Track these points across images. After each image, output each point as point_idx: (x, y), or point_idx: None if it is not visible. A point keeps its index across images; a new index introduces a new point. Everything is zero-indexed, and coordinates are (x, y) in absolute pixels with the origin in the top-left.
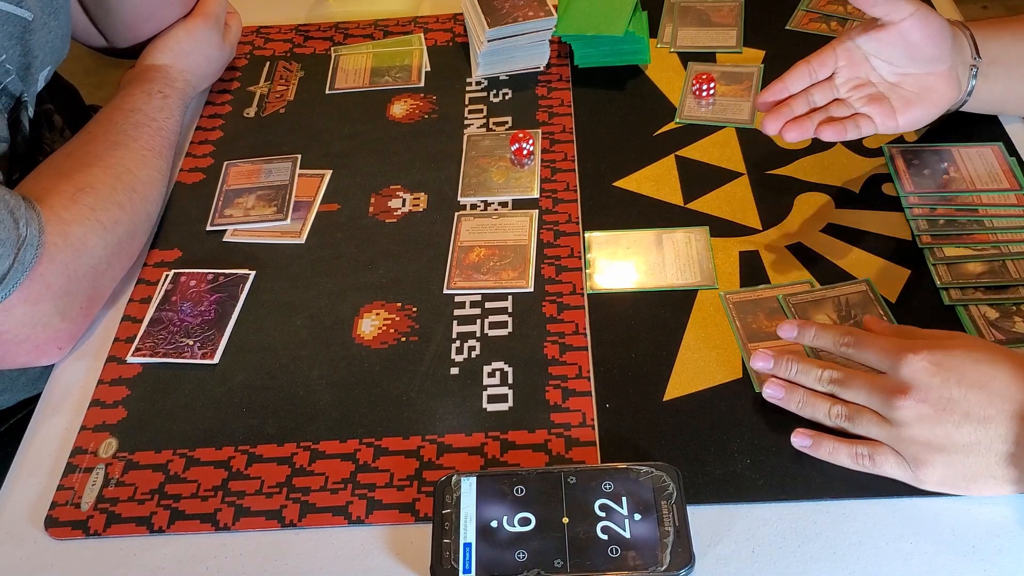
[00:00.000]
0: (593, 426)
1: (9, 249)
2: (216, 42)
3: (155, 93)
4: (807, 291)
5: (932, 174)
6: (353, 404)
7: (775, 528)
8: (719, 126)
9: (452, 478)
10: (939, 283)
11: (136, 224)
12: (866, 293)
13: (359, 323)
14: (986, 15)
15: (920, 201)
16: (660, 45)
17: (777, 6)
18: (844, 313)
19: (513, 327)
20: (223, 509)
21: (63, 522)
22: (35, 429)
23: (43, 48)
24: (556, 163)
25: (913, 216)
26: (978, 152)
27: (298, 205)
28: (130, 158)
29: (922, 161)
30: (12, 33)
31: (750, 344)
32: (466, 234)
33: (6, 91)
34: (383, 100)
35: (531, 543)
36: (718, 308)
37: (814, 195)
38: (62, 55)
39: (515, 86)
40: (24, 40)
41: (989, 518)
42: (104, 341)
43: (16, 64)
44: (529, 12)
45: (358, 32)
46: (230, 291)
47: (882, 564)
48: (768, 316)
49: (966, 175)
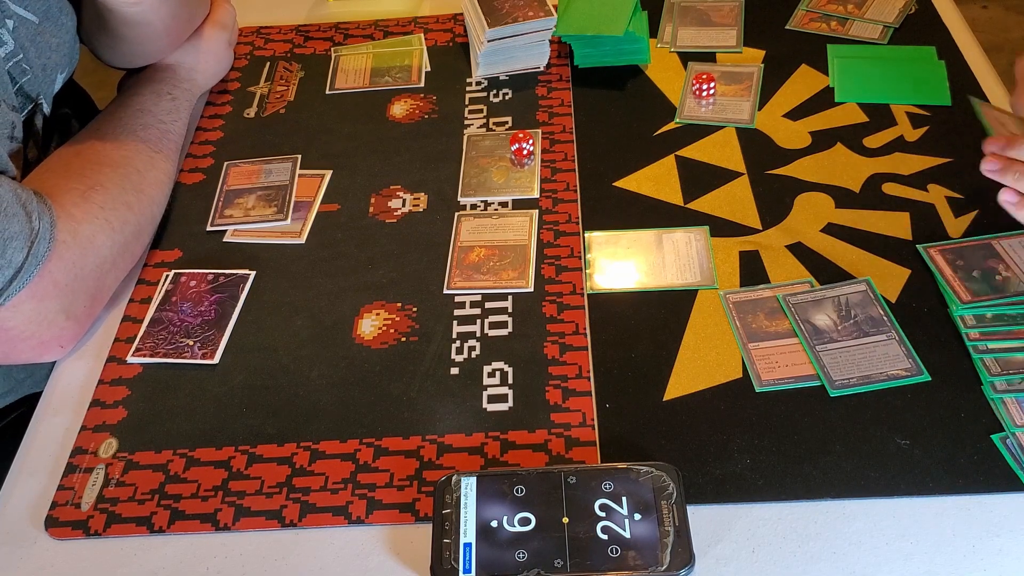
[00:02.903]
0: (593, 426)
1: (22, 242)
2: (225, 42)
3: (164, 95)
4: (807, 291)
5: (983, 276)
6: (353, 404)
7: (775, 528)
8: (719, 126)
9: (452, 478)
10: (988, 376)
11: (142, 225)
12: (866, 293)
13: (359, 323)
14: (986, 15)
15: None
16: (660, 45)
17: (777, 6)
18: (844, 313)
19: (513, 327)
20: (223, 509)
21: (63, 522)
22: (35, 429)
23: (56, 50)
24: (556, 163)
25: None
26: (1020, 241)
27: (298, 205)
28: (139, 159)
29: (966, 261)
30: (26, 35)
31: (750, 344)
32: (466, 234)
33: (22, 91)
34: (383, 100)
35: (531, 543)
36: (718, 308)
37: (814, 195)
38: (74, 59)
39: (515, 86)
40: (37, 42)
41: (989, 518)
42: (104, 341)
43: (32, 64)
44: (529, 12)
45: (358, 32)
46: (230, 291)
47: (882, 564)
48: (768, 316)
49: (1017, 270)
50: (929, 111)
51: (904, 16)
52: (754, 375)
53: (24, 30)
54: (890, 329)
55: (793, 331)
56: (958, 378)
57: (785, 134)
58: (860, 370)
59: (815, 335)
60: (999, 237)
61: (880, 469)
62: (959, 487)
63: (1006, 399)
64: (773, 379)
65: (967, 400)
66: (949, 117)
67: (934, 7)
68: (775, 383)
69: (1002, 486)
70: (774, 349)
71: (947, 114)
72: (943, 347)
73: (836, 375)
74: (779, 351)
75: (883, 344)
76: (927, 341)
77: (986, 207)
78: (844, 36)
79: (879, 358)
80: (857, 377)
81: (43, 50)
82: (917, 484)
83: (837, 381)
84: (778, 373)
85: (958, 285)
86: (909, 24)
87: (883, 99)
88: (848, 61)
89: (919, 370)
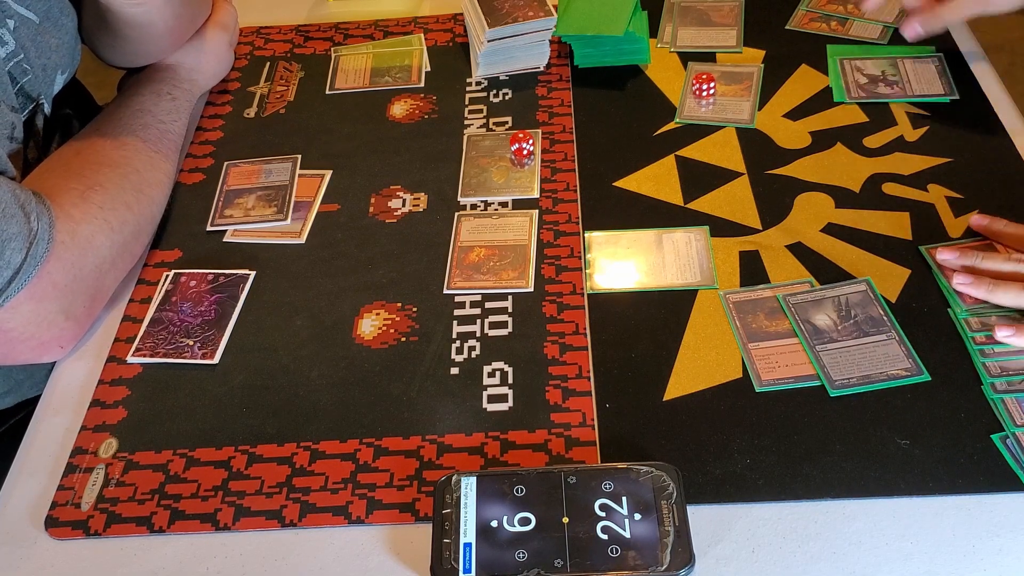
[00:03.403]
0: (593, 426)
1: (21, 243)
2: (226, 43)
3: (164, 95)
4: (807, 291)
5: None
6: (353, 404)
7: (775, 528)
8: (719, 126)
9: (452, 478)
10: (988, 376)
11: (142, 225)
12: (866, 293)
13: (359, 323)
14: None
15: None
16: (660, 45)
17: (777, 6)
18: (844, 313)
19: (513, 327)
20: (223, 509)
21: (63, 522)
22: (35, 429)
23: (56, 50)
24: (556, 163)
25: (973, 330)
26: None
27: (298, 205)
28: (138, 159)
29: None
30: (27, 34)
31: (751, 344)
32: (466, 234)
33: (23, 91)
34: (383, 100)
35: (531, 543)
36: (718, 308)
37: (814, 195)
38: (76, 60)
39: (515, 86)
40: (37, 42)
41: (989, 518)
42: (104, 341)
43: (33, 64)
44: (529, 12)
45: (358, 32)
46: (230, 291)
47: (882, 564)
48: (768, 316)
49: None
50: (929, 111)
51: (904, 16)
52: (754, 375)
53: (25, 30)
54: (890, 329)
55: (793, 331)
56: (958, 378)
57: (785, 134)
58: (860, 370)
59: (815, 335)
60: None
61: (880, 469)
62: (959, 487)
63: (1006, 399)
64: (773, 379)
65: (967, 400)
66: (949, 117)
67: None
68: (775, 383)
69: (1002, 486)
70: (774, 349)
71: (948, 114)
72: (943, 347)
73: (836, 375)
74: (779, 351)
75: (883, 344)
76: (927, 341)
77: (986, 207)
78: (844, 36)
79: (879, 358)
80: (857, 377)
81: (44, 50)
82: (917, 484)
83: (837, 381)
84: (778, 373)
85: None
86: None
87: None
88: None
89: (919, 370)
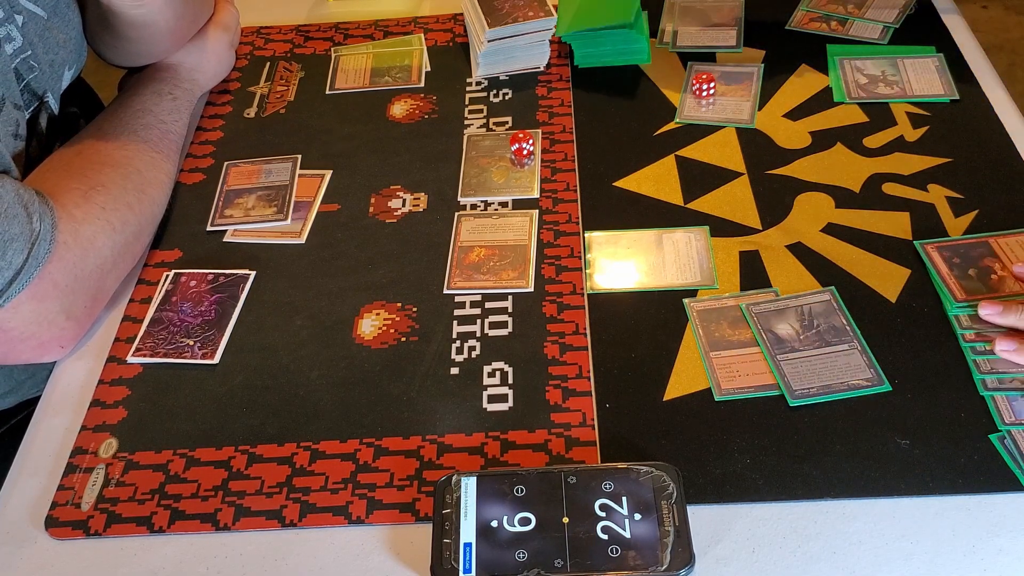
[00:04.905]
0: (593, 426)
1: (23, 244)
2: (227, 43)
3: (165, 95)
4: (770, 300)
5: (978, 274)
6: (353, 404)
7: (775, 528)
8: (719, 126)
9: (452, 478)
10: (978, 373)
11: (143, 226)
12: (830, 303)
13: (359, 323)
14: (986, 15)
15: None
16: (660, 45)
17: (777, 6)
18: (807, 322)
19: (513, 327)
20: (223, 509)
21: (63, 522)
22: (35, 429)
23: (64, 46)
24: (556, 163)
25: (963, 328)
26: (1017, 240)
27: (298, 205)
28: (140, 159)
29: (963, 258)
30: (35, 30)
31: (712, 353)
32: (466, 234)
33: (29, 88)
34: (383, 100)
35: (531, 543)
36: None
37: (814, 195)
38: (83, 56)
39: (515, 86)
40: (45, 37)
41: (989, 518)
42: (104, 341)
43: (40, 60)
44: (529, 12)
45: (358, 32)
46: (230, 291)
47: (882, 564)
48: (731, 325)
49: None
50: (929, 111)
51: (904, 16)
52: (714, 384)
53: (33, 25)
54: (852, 339)
55: (755, 340)
56: (958, 378)
57: (785, 134)
58: (821, 380)
59: (776, 344)
60: (998, 236)
61: (880, 469)
62: (959, 487)
63: (996, 396)
64: (733, 388)
65: (967, 400)
66: (949, 117)
67: (934, 7)
68: (735, 392)
69: (1002, 486)
70: (735, 358)
71: (948, 114)
72: (943, 347)
73: (796, 384)
74: (740, 360)
75: (845, 354)
76: (927, 341)
77: (986, 207)
78: (844, 36)
79: (840, 368)
80: (817, 387)
81: (51, 46)
82: (917, 484)
83: (797, 391)
84: (738, 382)
85: (953, 283)
86: (909, 24)
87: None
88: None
89: (880, 380)
